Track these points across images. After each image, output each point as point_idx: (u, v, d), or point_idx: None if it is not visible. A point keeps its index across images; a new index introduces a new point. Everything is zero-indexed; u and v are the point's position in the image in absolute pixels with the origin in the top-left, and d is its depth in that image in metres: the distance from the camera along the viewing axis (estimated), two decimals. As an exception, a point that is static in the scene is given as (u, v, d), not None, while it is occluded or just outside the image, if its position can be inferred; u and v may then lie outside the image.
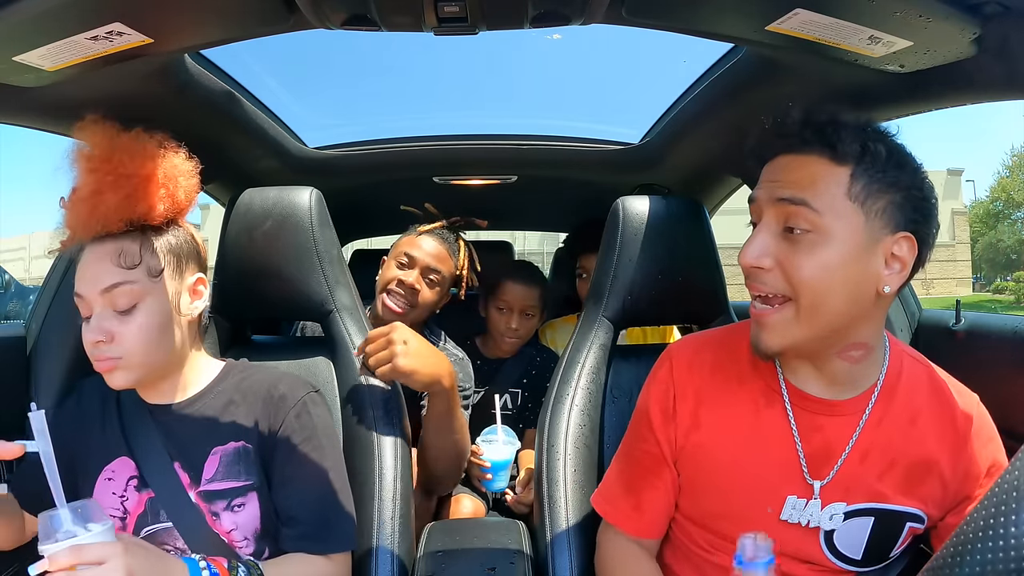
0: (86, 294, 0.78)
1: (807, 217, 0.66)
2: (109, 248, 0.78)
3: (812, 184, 0.66)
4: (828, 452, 0.73)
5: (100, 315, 0.77)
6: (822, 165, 0.67)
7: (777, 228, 0.69)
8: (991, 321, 1.06)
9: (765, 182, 0.71)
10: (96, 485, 0.82)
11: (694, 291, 1.08)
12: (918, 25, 0.68)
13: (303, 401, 0.86)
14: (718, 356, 0.81)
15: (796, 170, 0.68)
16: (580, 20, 0.74)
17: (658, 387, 0.82)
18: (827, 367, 0.73)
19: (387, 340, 0.98)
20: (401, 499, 0.95)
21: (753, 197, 0.72)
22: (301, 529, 0.82)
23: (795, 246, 0.67)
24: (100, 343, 0.77)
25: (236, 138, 1.28)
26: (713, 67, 1.16)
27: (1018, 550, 0.35)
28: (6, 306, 7.47)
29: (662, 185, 1.74)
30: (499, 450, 1.36)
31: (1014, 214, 23.47)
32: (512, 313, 1.59)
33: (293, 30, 0.77)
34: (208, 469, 0.82)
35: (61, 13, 0.66)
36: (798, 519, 0.74)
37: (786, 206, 0.67)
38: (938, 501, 0.73)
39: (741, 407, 0.77)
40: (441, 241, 1.40)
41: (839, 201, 0.66)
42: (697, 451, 0.78)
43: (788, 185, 0.68)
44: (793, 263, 0.67)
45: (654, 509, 0.81)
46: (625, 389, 1.07)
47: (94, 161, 0.78)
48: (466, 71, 1.64)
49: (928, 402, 0.75)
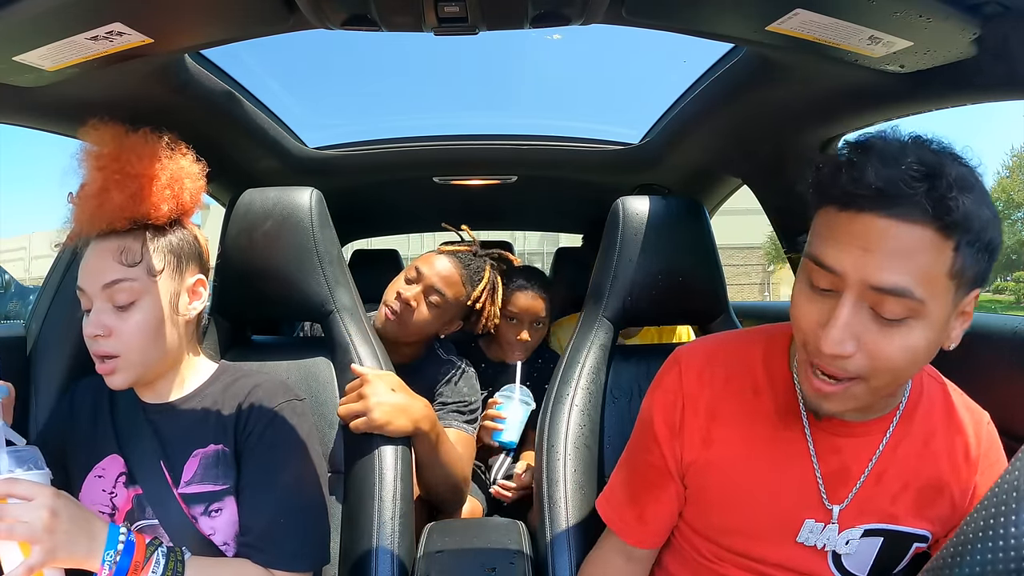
0: (88, 288, 0.79)
1: (907, 306, 0.56)
2: (112, 245, 0.80)
3: (917, 267, 0.55)
4: (845, 474, 0.71)
5: (99, 309, 0.79)
6: (928, 240, 0.55)
7: (865, 307, 0.58)
8: (991, 321, 1.06)
9: (851, 250, 0.57)
10: (85, 482, 0.83)
11: (694, 291, 1.08)
12: (918, 25, 0.68)
13: (276, 409, 0.84)
14: (730, 367, 0.76)
15: (894, 241, 0.55)
16: (580, 20, 0.74)
17: (664, 396, 0.77)
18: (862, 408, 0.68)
19: (358, 394, 0.98)
20: (401, 499, 0.95)
21: (831, 266, 0.59)
22: (248, 538, 0.80)
23: (884, 331, 0.58)
24: (98, 337, 0.78)
25: (236, 138, 1.28)
26: (713, 67, 1.16)
27: (1018, 550, 0.35)
28: (6, 306, 7.47)
29: (662, 185, 1.74)
30: (514, 407, 1.36)
31: (1014, 214, 23.45)
32: (523, 324, 1.58)
33: (293, 30, 0.78)
34: (187, 471, 0.82)
35: (61, 13, 0.66)
36: (814, 542, 0.72)
37: (882, 295, 0.56)
38: (946, 520, 0.72)
39: (756, 424, 0.73)
40: (458, 265, 1.32)
41: (940, 281, 0.56)
42: (708, 467, 0.74)
43: (887, 269, 0.55)
44: (881, 349, 0.58)
45: (657, 521, 0.79)
46: (625, 389, 1.07)
47: (102, 159, 0.80)
48: (466, 71, 1.64)
49: (942, 422, 0.72)
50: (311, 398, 1.03)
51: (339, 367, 1.07)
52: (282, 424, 0.84)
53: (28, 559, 0.65)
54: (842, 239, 0.58)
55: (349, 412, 0.98)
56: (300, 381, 1.05)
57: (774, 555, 0.73)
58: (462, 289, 1.32)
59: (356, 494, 0.96)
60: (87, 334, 0.79)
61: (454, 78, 1.72)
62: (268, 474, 0.82)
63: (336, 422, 1.02)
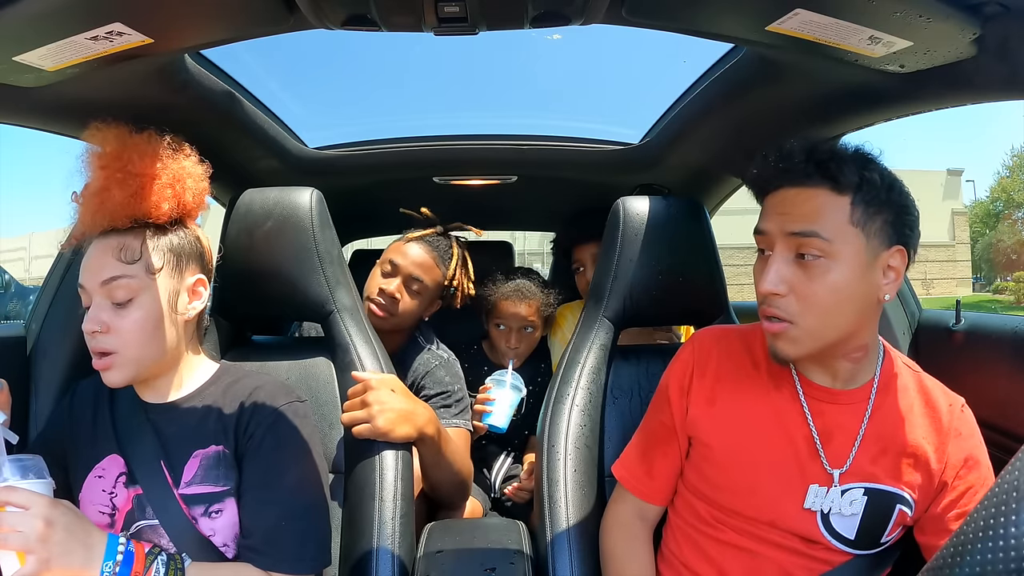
0: (87, 285, 0.80)
1: (818, 246, 0.73)
2: (112, 243, 0.80)
3: (819, 216, 0.73)
4: (836, 437, 0.80)
5: (98, 306, 0.79)
6: (825, 196, 0.74)
7: (789, 256, 0.75)
8: (991, 321, 1.06)
9: (773, 214, 0.77)
10: (86, 483, 0.83)
11: (694, 291, 1.08)
12: (918, 25, 0.68)
13: (280, 411, 0.84)
14: (735, 344, 0.89)
15: (803, 203, 0.75)
16: (580, 20, 0.74)
17: (679, 365, 0.90)
18: (832, 364, 0.81)
19: (362, 401, 0.98)
20: (401, 499, 0.95)
21: (762, 229, 0.78)
22: (250, 541, 0.80)
23: (807, 272, 0.74)
24: (96, 333, 0.79)
25: (236, 138, 1.28)
26: (713, 67, 1.16)
27: (1018, 550, 0.35)
28: (6, 306, 7.48)
29: (662, 185, 1.74)
30: (505, 391, 1.38)
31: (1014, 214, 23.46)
32: (511, 331, 1.60)
33: (293, 30, 0.78)
34: (187, 472, 0.82)
35: (61, 13, 0.66)
36: (819, 507, 0.79)
37: (798, 238, 0.74)
38: (923, 488, 0.80)
39: (755, 388, 0.85)
40: (429, 249, 1.37)
41: (843, 227, 0.73)
42: (712, 422, 0.85)
43: (798, 219, 0.74)
44: (807, 288, 0.74)
45: (664, 475, 0.90)
46: (625, 389, 1.07)
47: (105, 159, 0.81)
48: (466, 71, 1.63)
49: (917, 401, 0.83)
50: (311, 398, 1.03)
51: (339, 367, 1.07)
52: (284, 426, 0.84)
53: (22, 568, 0.65)
54: (768, 212, 0.78)
55: (353, 419, 0.98)
56: (300, 381, 1.05)
57: (768, 513, 0.80)
58: (438, 271, 1.38)
59: (356, 494, 0.96)
60: (86, 330, 0.79)
61: (454, 78, 1.72)
62: (270, 476, 0.82)
63: (337, 422, 1.02)
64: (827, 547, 0.80)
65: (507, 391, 1.39)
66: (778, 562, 0.80)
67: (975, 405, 0.85)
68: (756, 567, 0.81)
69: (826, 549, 0.80)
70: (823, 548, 0.80)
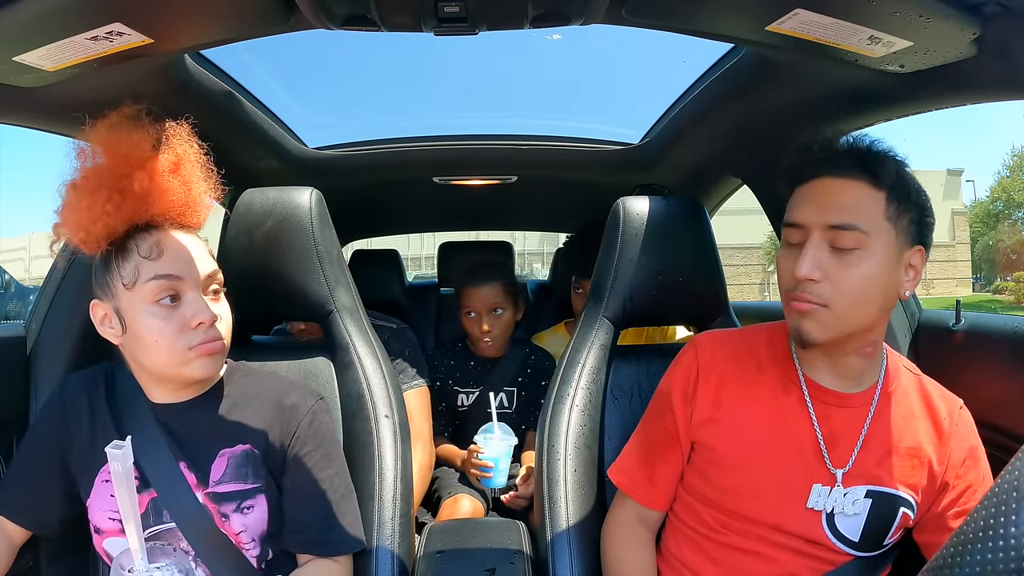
0: (184, 275, 0.80)
1: (855, 238, 0.74)
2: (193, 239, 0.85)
3: (858, 207, 0.74)
4: (840, 439, 0.81)
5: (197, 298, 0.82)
6: (865, 189, 0.75)
7: (824, 244, 0.76)
8: (991, 321, 1.06)
9: (810, 204, 0.77)
10: (93, 488, 0.81)
11: (694, 291, 1.08)
12: (918, 25, 0.68)
13: (313, 410, 0.88)
14: (738, 348, 0.89)
15: (841, 194, 0.75)
16: (580, 20, 0.74)
17: (682, 370, 0.89)
18: (843, 361, 0.81)
19: None
20: (401, 499, 0.95)
21: (798, 222, 0.78)
22: (310, 535, 0.84)
23: (842, 260, 0.75)
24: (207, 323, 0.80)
25: (236, 138, 1.28)
26: (713, 67, 1.16)
27: (1018, 550, 0.34)
28: (6, 306, 7.48)
29: (662, 185, 1.74)
30: (496, 446, 1.37)
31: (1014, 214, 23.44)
32: (480, 316, 1.59)
33: (293, 30, 0.78)
34: (216, 471, 0.82)
35: (61, 13, 0.66)
36: (822, 506, 0.80)
37: (836, 231, 0.75)
38: (925, 491, 0.81)
39: (761, 391, 0.84)
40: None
41: (879, 221, 0.74)
42: (717, 427, 0.84)
43: (837, 210, 0.75)
44: (842, 276, 0.75)
45: (665, 481, 0.89)
46: (625, 389, 1.07)
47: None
48: (466, 71, 1.63)
49: (918, 404, 0.83)
50: (311, 398, 1.03)
51: (339, 367, 1.07)
52: (320, 424, 0.89)
53: None
54: (805, 202, 0.78)
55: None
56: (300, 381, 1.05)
57: (773, 516, 0.80)
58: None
59: (356, 494, 0.96)
60: (200, 320, 0.78)
61: (454, 78, 1.72)
62: (319, 473, 0.86)
63: (337, 421, 1.02)
64: (831, 548, 0.80)
65: (498, 444, 1.38)
66: (783, 564, 0.80)
67: (975, 405, 0.85)
68: (761, 569, 0.81)
69: (830, 551, 0.80)
70: (827, 550, 0.80)
